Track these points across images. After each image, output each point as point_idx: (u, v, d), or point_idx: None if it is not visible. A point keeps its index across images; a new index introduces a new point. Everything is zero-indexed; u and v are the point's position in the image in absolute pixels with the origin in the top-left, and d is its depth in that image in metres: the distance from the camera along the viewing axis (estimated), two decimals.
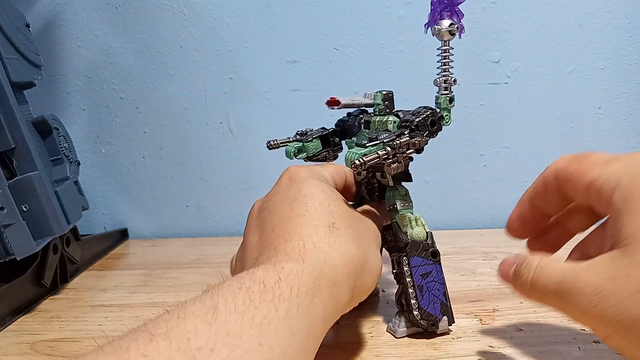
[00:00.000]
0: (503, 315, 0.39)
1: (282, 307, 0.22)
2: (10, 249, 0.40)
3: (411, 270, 0.34)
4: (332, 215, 0.29)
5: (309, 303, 0.23)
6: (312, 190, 0.30)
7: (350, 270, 0.27)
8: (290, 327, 0.22)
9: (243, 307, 0.21)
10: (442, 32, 0.32)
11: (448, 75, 0.34)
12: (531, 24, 0.62)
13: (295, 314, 0.22)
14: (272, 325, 0.21)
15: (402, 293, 0.35)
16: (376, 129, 0.36)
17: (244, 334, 0.20)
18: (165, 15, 0.63)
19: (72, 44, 0.64)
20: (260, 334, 0.20)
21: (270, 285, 0.23)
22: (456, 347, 0.34)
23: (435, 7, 0.32)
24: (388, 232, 0.35)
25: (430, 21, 0.32)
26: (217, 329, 0.19)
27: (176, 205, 0.68)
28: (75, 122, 0.66)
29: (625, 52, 0.63)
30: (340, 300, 0.26)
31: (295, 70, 0.63)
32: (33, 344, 0.37)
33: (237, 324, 0.20)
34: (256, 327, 0.20)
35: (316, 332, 0.24)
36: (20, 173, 0.42)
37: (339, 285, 0.26)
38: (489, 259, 0.52)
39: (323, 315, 0.25)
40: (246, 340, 0.20)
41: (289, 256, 0.26)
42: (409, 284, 0.34)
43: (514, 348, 0.34)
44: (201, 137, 0.66)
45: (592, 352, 0.33)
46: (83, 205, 0.52)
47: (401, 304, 0.35)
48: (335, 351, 0.34)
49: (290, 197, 0.30)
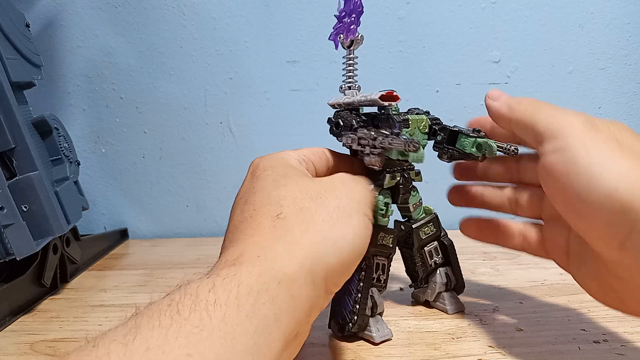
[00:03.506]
0: (503, 315, 0.39)
1: (218, 313, 0.20)
2: (10, 249, 0.40)
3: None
4: (279, 204, 0.27)
5: (254, 304, 0.21)
6: (263, 182, 0.28)
7: (300, 260, 0.24)
8: (230, 332, 0.20)
9: (169, 322, 0.19)
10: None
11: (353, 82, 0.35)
12: (531, 24, 0.62)
13: (235, 317, 0.20)
14: (205, 333, 0.19)
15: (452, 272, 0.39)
16: (415, 127, 0.36)
17: (167, 347, 0.18)
18: (165, 15, 0.63)
19: (72, 44, 0.64)
20: (188, 344, 0.19)
21: (203, 294, 0.21)
22: (456, 347, 0.34)
23: (348, 21, 0.34)
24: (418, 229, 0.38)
25: (347, 33, 0.34)
26: (135, 347, 0.18)
27: (176, 205, 0.68)
28: (75, 122, 0.66)
29: (625, 52, 0.63)
30: (297, 295, 0.24)
31: (295, 70, 0.63)
32: (33, 344, 0.37)
33: (160, 339, 0.19)
34: (183, 338, 0.19)
35: (270, 333, 0.22)
36: (20, 173, 0.42)
37: (290, 280, 0.24)
38: (489, 259, 0.52)
39: (275, 314, 0.22)
40: (170, 353, 0.18)
41: (227, 263, 0.24)
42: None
43: (514, 348, 0.34)
44: (201, 137, 0.66)
45: (592, 352, 0.33)
46: (83, 205, 0.52)
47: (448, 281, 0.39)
48: (335, 351, 0.34)
49: (244, 198, 0.29)
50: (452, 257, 0.40)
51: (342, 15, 0.33)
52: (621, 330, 0.35)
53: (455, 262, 0.40)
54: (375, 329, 0.35)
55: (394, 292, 0.44)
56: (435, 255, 0.39)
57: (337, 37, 0.34)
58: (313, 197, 0.27)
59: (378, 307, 0.35)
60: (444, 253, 0.40)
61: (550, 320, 0.38)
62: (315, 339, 0.36)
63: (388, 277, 0.37)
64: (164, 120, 0.65)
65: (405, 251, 0.40)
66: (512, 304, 0.41)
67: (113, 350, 0.18)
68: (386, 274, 0.36)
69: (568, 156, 0.25)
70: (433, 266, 0.39)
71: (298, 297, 0.24)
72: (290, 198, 0.27)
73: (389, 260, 0.36)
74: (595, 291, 0.29)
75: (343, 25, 0.33)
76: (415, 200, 0.38)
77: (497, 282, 0.46)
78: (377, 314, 0.36)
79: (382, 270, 0.36)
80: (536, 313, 0.39)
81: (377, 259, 0.36)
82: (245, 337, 0.20)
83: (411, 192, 0.38)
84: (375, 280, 0.36)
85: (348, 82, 0.36)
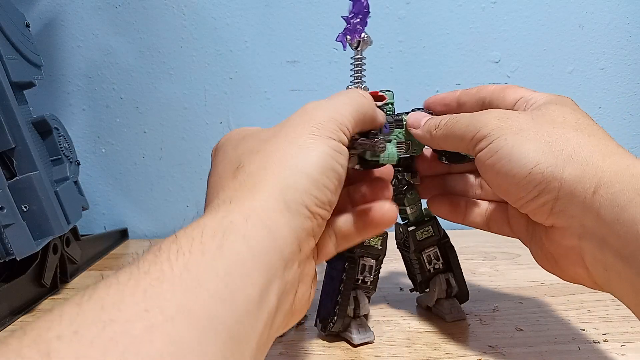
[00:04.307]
0: (503, 315, 0.39)
1: (180, 261, 0.19)
2: (10, 249, 0.40)
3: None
4: (238, 160, 0.26)
5: (220, 245, 0.20)
6: (223, 153, 0.28)
7: (266, 192, 0.23)
8: (194, 279, 0.18)
9: (127, 277, 0.18)
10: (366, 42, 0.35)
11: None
12: (531, 24, 0.62)
13: (199, 263, 0.19)
14: (165, 285, 0.18)
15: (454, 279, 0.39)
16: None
17: (123, 304, 0.17)
18: (165, 15, 0.63)
19: (72, 44, 0.64)
20: (146, 299, 0.17)
21: (165, 247, 0.20)
22: (456, 347, 0.34)
23: (357, 22, 0.34)
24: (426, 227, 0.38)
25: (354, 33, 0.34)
26: (89, 307, 0.17)
27: (176, 205, 0.68)
28: (75, 122, 0.66)
29: (625, 52, 0.63)
30: (273, 226, 0.22)
31: (295, 70, 0.63)
32: None
33: (116, 296, 0.17)
34: (141, 293, 0.17)
35: (246, 272, 0.20)
36: (20, 173, 0.42)
37: (261, 212, 0.22)
38: (489, 259, 0.52)
39: (249, 249, 0.20)
40: (126, 311, 0.17)
41: (191, 222, 0.23)
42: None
43: (514, 348, 0.34)
44: (201, 137, 0.66)
45: (592, 352, 0.33)
46: (83, 205, 0.52)
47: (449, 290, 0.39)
48: (335, 351, 0.34)
49: (210, 177, 0.28)
50: (454, 263, 0.39)
51: (351, 16, 0.34)
52: (621, 330, 0.35)
53: (458, 269, 0.39)
54: (357, 330, 0.35)
55: (394, 292, 0.44)
56: (435, 261, 0.39)
57: (344, 38, 0.34)
58: (269, 138, 0.27)
59: (362, 309, 0.35)
60: (444, 259, 0.39)
61: (550, 320, 0.38)
62: (315, 338, 0.36)
63: (377, 279, 0.36)
64: (164, 120, 0.65)
65: (404, 254, 0.40)
66: (512, 304, 0.41)
67: (66, 312, 0.17)
68: (374, 275, 0.36)
69: (492, 151, 0.28)
70: (432, 271, 0.39)
71: (275, 228, 0.22)
72: (247, 150, 0.26)
73: (379, 262, 0.36)
74: (539, 257, 0.31)
75: (350, 27, 0.34)
76: (413, 202, 0.38)
77: (497, 282, 0.46)
78: (360, 316, 0.36)
79: (369, 271, 0.36)
80: (536, 313, 0.39)
81: (362, 260, 0.35)
82: (212, 282, 0.19)
83: (407, 194, 0.37)
84: (360, 282, 0.36)
85: (356, 82, 0.36)
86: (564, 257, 0.29)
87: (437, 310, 0.39)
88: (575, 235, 0.27)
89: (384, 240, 0.36)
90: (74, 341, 0.15)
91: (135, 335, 0.16)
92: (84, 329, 0.16)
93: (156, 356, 0.16)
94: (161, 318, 0.17)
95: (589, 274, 0.28)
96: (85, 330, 0.16)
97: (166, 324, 0.17)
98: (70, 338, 0.15)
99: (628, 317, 0.36)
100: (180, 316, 0.17)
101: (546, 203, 0.27)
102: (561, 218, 0.27)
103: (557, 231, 0.28)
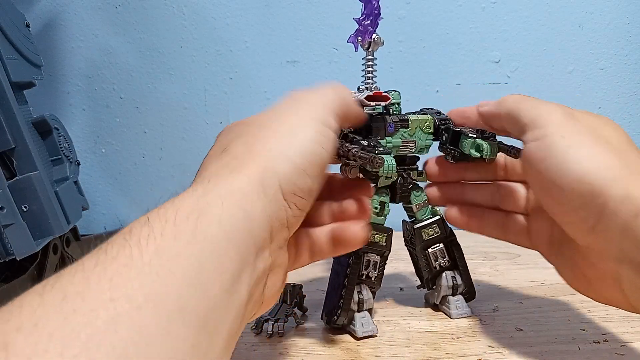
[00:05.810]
0: (503, 315, 0.39)
1: (151, 246, 0.18)
2: (10, 249, 0.40)
3: None
4: (226, 144, 0.26)
5: (194, 228, 0.19)
6: (217, 142, 0.28)
7: (246, 175, 0.23)
8: (165, 265, 0.17)
9: (93, 263, 0.17)
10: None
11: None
12: (531, 24, 0.62)
13: (171, 248, 0.18)
14: (134, 272, 0.17)
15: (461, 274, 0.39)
16: (416, 127, 0.36)
17: (87, 293, 0.16)
18: (165, 15, 0.63)
19: (72, 44, 0.64)
20: (112, 287, 0.16)
21: (136, 230, 0.19)
22: (456, 347, 0.34)
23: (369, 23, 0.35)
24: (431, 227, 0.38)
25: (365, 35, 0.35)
26: (51, 297, 0.16)
27: None
28: (75, 122, 0.66)
29: (625, 52, 0.63)
30: (251, 210, 0.22)
31: (295, 70, 0.63)
32: None
33: (81, 284, 0.16)
34: (107, 281, 0.16)
35: (220, 257, 0.19)
36: (20, 173, 0.42)
37: (239, 194, 0.22)
38: (489, 259, 0.52)
39: (225, 233, 0.20)
40: (90, 300, 0.16)
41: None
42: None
43: (514, 348, 0.34)
44: (201, 137, 0.66)
45: (592, 352, 0.33)
46: (83, 205, 0.52)
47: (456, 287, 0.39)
48: (335, 351, 0.34)
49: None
50: (460, 261, 0.39)
51: (362, 18, 0.34)
52: (621, 330, 0.35)
53: (464, 267, 0.39)
54: (360, 324, 0.35)
55: (394, 292, 0.44)
56: (441, 258, 0.39)
57: (355, 39, 0.35)
58: (255, 122, 0.27)
59: (365, 303, 0.36)
60: (450, 256, 0.39)
61: (550, 320, 0.38)
62: (315, 338, 0.36)
63: (382, 275, 0.37)
64: (164, 120, 0.65)
65: (411, 251, 0.40)
66: (512, 304, 0.41)
67: (27, 303, 0.16)
68: (378, 271, 0.36)
69: (546, 143, 0.27)
70: (438, 268, 0.39)
71: (252, 211, 0.22)
72: (235, 135, 0.27)
73: (383, 259, 0.36)
74: (569, 277, 0.30)
75: (362, 28, 0.34)
76: (420, 200, 0.38)
77: (497, 282, 0.46)
78: (364, 310, 0.36)
79: (374, 267, 0.36)
80: (536, 313, 0.39)
81: (367, 256, 0.36)
82: (184, 268, 0.18)
83: (413, 192, 0.37)
84: (364, 277, 0.36)
85: (367, 82, 0.36)
86: (599, 280, 0.28)
87: (443, 307, 0.39)
88: (613, 259, 0.26)
89: (388, 237, 0.36)
90: (34, 333, 0.15)
91: (99, 325, 0.15)
92: (44, 320, 0.15)
93: (120, 346, 0.15)
94: (127, 307, 0.16)
95: (626, 298, 0.27)
96: (46, 321, 0.15)
97: (132, 313, 0.16)
98: (30, 330, 0.15)
99: (628, 317, 0.36)
100: (147, 305, 0.16)
101: (587, 219, 0.26)
102: (600, 238, 0.26)
103: (594, 253, 0.27)
